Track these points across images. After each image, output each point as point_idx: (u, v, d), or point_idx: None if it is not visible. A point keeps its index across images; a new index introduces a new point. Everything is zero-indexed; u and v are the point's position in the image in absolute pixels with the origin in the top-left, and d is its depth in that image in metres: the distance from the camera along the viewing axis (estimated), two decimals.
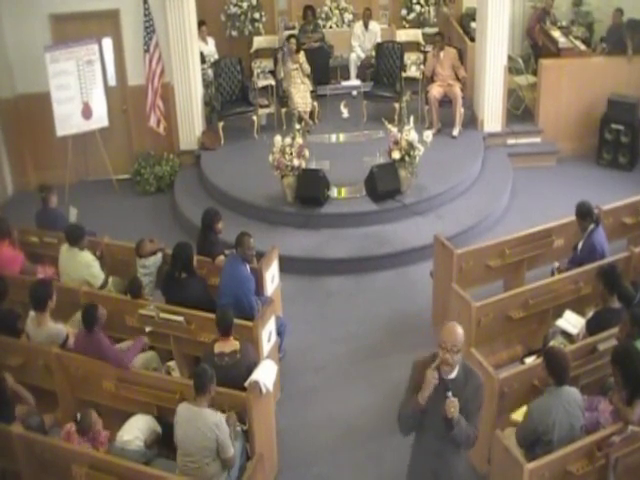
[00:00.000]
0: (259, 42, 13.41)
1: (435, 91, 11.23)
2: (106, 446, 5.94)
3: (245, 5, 13.19)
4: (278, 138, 9.59)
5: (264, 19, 13.49)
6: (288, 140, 9.54)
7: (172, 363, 7.04)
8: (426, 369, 4.77)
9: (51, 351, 6.53)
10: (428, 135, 9.66)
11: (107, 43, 11.22)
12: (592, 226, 7.48)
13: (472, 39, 12.07)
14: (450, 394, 4.69)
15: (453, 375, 4.78)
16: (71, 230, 7.79)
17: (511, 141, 11.58)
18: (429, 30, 13.50)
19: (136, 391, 6.31)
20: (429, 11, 13.63)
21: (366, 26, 12.82)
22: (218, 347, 6.19)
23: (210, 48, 12.50)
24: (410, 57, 12.71)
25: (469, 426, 4.79)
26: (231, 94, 11.78)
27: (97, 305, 6.56)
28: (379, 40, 12.63)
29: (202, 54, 11.81)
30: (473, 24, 12.25)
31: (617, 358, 5.54)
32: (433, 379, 4.71)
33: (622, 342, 5.93)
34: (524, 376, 6.06)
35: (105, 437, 5.94)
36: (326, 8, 13.71)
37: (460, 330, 4.74)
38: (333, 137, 10.23)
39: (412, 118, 9.79)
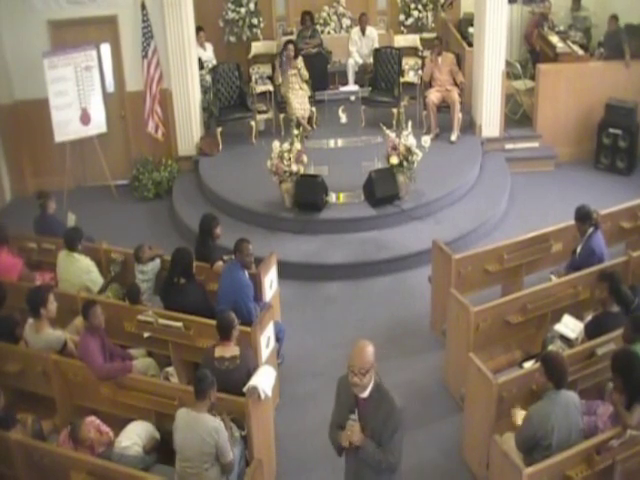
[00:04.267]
0: (257, 48, 13.45)
1: (433, 96, 11.25)
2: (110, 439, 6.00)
3: (243, 11, 13.23)
4: (276, 144, 9.60)
5: (262, 25, 13.53)
6: (286, 146, 9.55)
7: (170, 369, 7.03)
8: (346, 381, 4.72)
9: (49, 357, 6.53)
10: (426, 140, 9.67)
11: (105, 49, 11.23)
12: (591, 230, 7.50)
13: (470, 44, 12.09)
14: (354, 417, 4.66)
15: (366, 394, 4.70)
16: (69, 233, 7.82)
17: (509, 146, 11.59)
18: (427, 35, 13.55)
19: (134, 397, 6.31)
20: (427, 16, 13.68)
21: (363, 32, 12.84)
22: (218, 351, 6.18)
23: (208, 54, 12.52)
24: (408, 62, 12.73)
25: (380, 451, 4.68)
26: (229, 100, 11.80)
27: (95, 302, 6.65)
28: (376, 45, 12.66)
29: (200, 60, 11.83)
30: (471, 29, 12.26)
31: (617, 363, 5.55)
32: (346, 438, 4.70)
33: (622, 347, 5.93)
34: (522, 381, 6.05)
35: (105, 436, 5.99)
36: (324, 14, 13.77)
37: (369, 351, 4.62)
38: (331, 142, 10.20)
39: (410, 123, 9.79)
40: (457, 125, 11.32)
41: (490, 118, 11.42)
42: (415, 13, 13.63)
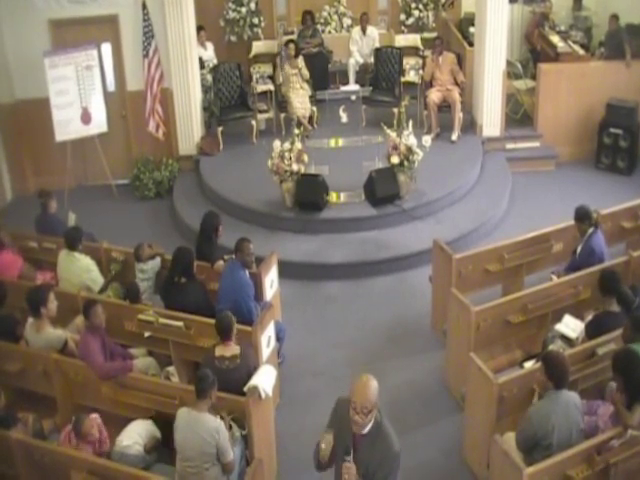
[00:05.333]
0: (258, 47, 13.44)
1: (434, 96, 11.25)
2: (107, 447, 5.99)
3: (244, 10, 13.23)
4: (277, 143, 9.60)
5: (263, 24, 13.54)
6: (287, 145, 9.54)
7: (171, 368, 7.03)
8: (346, 410, 4.55)
9: (50, 356, 6.53)
10: (427, 140, 9.66)
11: (106, 48, 11.23)
12: (591, 230, 7.50)
13: (471, 44, 12.09)
14: (349, 458, 4.49)
15: (365, 431, 4.57)
16: (69, 232, 7.83)
17: (510, 146, 11.59)
18: (428, 35, 13.53)
19: (135, 396, 6.31)
20: (428, 16, 13.67)
21: (364, 31, 12.85)
22: (219, 351, 6.18)
23: (209, 53, 12.52)
24: (409, 62, 12.70)
25: None
26: (230, 99, 11.80)
27: (96, 302, 6.66)
28: (377, 45, 12.67)
29: (201, 59, 11.82)
30: (472, 29, 12.26)
31: (618, 363, 5.54)
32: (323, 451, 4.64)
33: (623, 346, 5.93)
34: (523, 380, 6.05)
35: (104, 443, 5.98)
36: (325, 13, 13.77)
37: (372, 387, 4.47)
38: (332, 142, 10.20)
39: (411, 123, 9.79)
40: (458, 125, 11.32)
41: (491, 118, 11.42)
42: (416, 13, 13.62)
